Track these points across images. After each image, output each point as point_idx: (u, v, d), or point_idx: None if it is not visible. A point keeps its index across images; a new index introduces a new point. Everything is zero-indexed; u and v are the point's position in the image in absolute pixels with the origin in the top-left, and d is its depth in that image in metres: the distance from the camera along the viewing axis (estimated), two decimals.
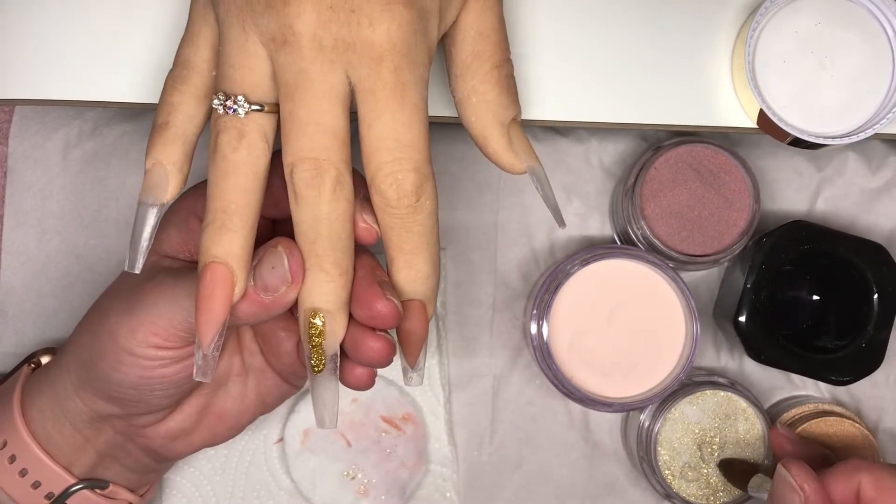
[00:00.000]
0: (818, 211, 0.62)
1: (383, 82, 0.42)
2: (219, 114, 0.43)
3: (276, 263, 0.44)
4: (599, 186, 0.62)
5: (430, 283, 0.46)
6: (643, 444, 0.59)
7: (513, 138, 0.48)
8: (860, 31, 0.53)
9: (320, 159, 0.43)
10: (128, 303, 0.48)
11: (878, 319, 0.58)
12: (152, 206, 0.45)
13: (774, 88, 0.53)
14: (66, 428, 0.51)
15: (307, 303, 0.44)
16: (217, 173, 0.44)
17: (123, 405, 0.50)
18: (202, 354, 0.44)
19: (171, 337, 0.47)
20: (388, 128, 0.43)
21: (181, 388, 0.50)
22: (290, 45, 0.42)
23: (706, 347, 0.63)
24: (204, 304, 0.43)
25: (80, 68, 0.53)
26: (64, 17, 0.52)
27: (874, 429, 0.63)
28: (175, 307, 0.47)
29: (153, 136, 0.45)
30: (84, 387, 0.50)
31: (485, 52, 0.47)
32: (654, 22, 0.54)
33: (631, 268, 0.57)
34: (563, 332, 0.57)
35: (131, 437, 0.52)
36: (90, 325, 0.50)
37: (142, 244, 0.45)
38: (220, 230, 0.43)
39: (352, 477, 0.62)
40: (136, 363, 0.48)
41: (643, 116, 0.54)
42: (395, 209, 0.44)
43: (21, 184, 0.61)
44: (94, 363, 0.49)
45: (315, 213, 0.43)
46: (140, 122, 0.61)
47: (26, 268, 0.61)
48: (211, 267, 0.43)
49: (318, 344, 0.45)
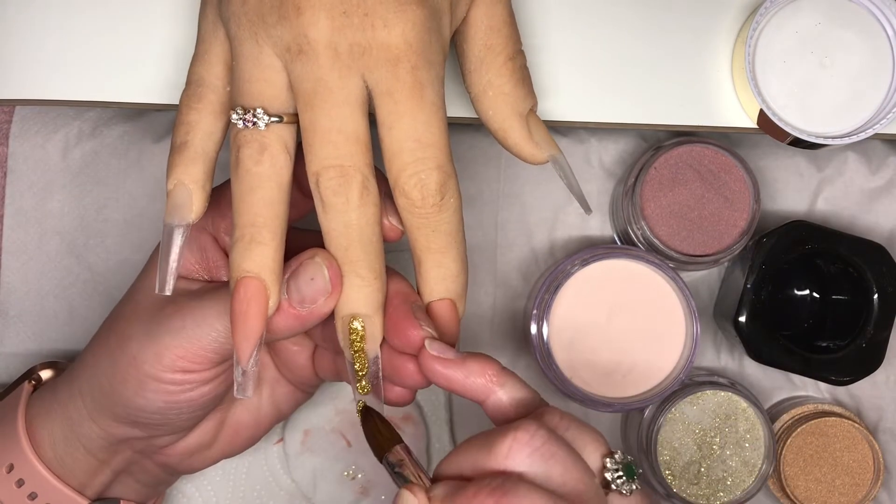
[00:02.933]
0: (818, 211, 0.62)
1: (401, 83, 0.42)
2: (238, 128, 0.43)
3: (316, 274, 0.44)
4: (599, 186, 0.62)
5: (461, 281, 0.46)
6: (643, 444, 0.59)
7: (532, 129, 0.48)
8: (860, 31, 0.53)
9: (345, 166, 0.43)
10: (150, 328, 0.47)
11: (878, 319, 0.58)
12: (178, 226, 0.44)
13: (774, 88, 0.53)
14: (79, 452, 0.50)
15: (345, 310, 0.45)
16: (241, 188, 0.43)
17: (145, 429, 0.49)
18: (241, 371, 0.44)
19: (200, 360, 0.46)
20: (408, 129, 0.43)
21: (206, 409, 0.49)
22: (305, 55, 0.42)
23: (706, 347, 0.63)
24: (240, 320, 0.43)
25: (80, 68, 0.53)
26: (64, 17, 0.52)
27: (874, 429, 0.63)
28: (203, 329, 0.46)
29: (173, 157, 0.45)
30: (102, 413, 0.49)
31: (497, 46, 0.47)
32: (654, 22, 0.54)
33: (631, 268, 0.57)
34: (563, 332, 0.57)
35: (149, 455, 0.52)
36: (107, 350, 0.49)
37: (171, 265, 0.44)
38: (251, 244, 0.43)
39: (352, 477, 0.62)
40: (162, 388, 0.47)
41: (643, 116, 0.54)
42: (421, 209, 0.44)
43: (21, 184, 0.61)
44: (115, 390, 0.48)
45: (345, 220, 0.43)
46: (140, 123, 0.61)
47: (26, 268, 0.61)
48: (244, 282, 0.43)
49: (361, 348, 0.45)
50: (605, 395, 0.58)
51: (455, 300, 0.46)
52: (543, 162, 0.49)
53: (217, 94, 0.45)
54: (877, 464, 0.60)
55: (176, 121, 0.45)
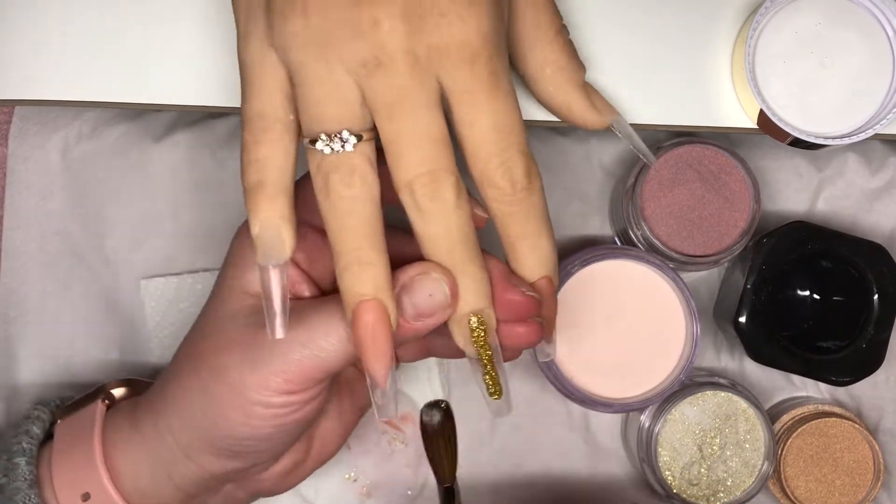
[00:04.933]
0: (818, 211, 0.62)
1: (479, 80, 0.42)
2: (324, 155, 0.42)
3: (435, 291, 0.44)
4: (599, 186, 0.62)
5: (554, 258, 0.46)
6: (643, 444, 0.59)
7: (591, 97, 0.49)
8: (860, 31, 0.53)
9: (436, 170, 0.42)
10: (248, 355, 0.46)
11: (878, 320, 0.58)
12: (275, 266, 0.44)
13: (774, 88, 0.53)
14: (168, 489, 0.49)
15: (463, 309, 0.44)
16: (338, 214, 0.43)
17: (247, 458, 0.48)
18: (381, 392, 0.43)
19: (306, 381, 0.45)
20: (490, 121, 0.43)
21: (309, 427, 0.49)
22: (384, 66, 0.41)
23: (706, 348, 0.63)
24: (369, 345, 0.43)
25: (80, 68, 0.52)
26: (64, 17, 0.52)
27: (874, 429, 0.63)
28: (310, 350, 0.45)
29: (252, 198, 0.44)
30: (200, 449, 0.48)
31: (545, 23, 0.47)
32: (653, 22, 0.54)
33: (631, 268, 0.57)
34: (563, 332, 0.57)
35: (244, 486, 0.51)
36: (199, 384, 0.47)
37: (277, 308, 0.44)
38: (361, 267, 0.43)
39: (353, 479, 0.62)
40: (270, 413, 0.46)
41: (643, 116, 0.54)
42: (512, 196, 0.44)
43: (21, 184, 0.61)
44: (216, 423, 0.46)
45: (446, 224, 0.43)
46: (140, 123, 0.61)
47: (26, 269, 0.61)
48: (364, 306, 0.43)
49: (485, 342, 0.45)
50: (605, 396, 0.58)
51: (552, 276, 0.46)
52: (606, 127, 0.50)
53: (283, 123, 0.44)
54: (877, 464, 0.60)
55: (244, 160, 0.44)
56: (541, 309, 0.46)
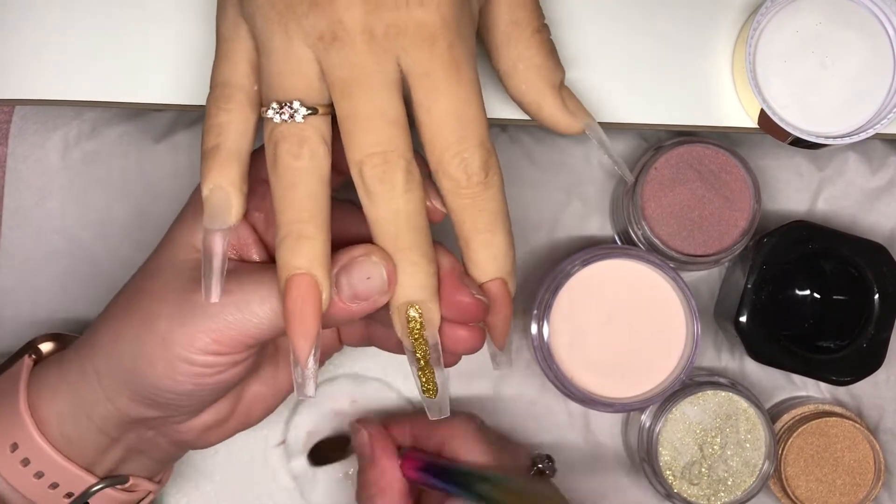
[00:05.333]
0: (819, 211, 0.62)
1: (439, 62, 0.42)
2: (275, 123, 0.43)
3: (373, 273, 0.43)
4: (599, 186, 0.62)
5: (510, 259, 0.46)
6: (644, 444, 0.59)
7: (565, 99, 0.48)
8: (861, 31, 0.53)
9: (388, 152, 0.42)
10: (181, 308, 0.46)
11: (878, 320, 0.58)
12: (219, 230, 0.44)
13: (775, 88, 0.53)
14: (91, 432, 0.50)
15: (401, 298, 0.44)
16: (282, 184, 0.43)
17: (165, 409, 0.48)
18: (301, 371, 0.43)
19: (235, 344, 0.45)
20: (447, 108, 0.42)
21: (231, 389, 0.49)
22: (340, 41, 0.41)
23: (707, 347, 0.63)
24: (296, 319, 0.42)
25: (80, 68, 0.52)
26: (64, 17, 0.52)
27: (875, 429, 0.63)
28: (243, 314, 0.45)
29: (206, 161, 0.44)
30: (120, 393, 0.48)
31: (523, 20, 0.47)
32: (654, 22, 0.54)
33: (631, 268, 0.57)
34: (563, 332, 0.57)
35: (164, 434, 0.51)
36: (130, 328, 0.47)
37: (215, 272, 0.44)
38: (299, 240, 0.42)
39: (352, 480, 0.62)
40: (193, 371, 0.46)
41: (643, 116, 0.54)
42: (467, 189, 0.43)
43: (20, 184, 0.61)
44: (140, 370, 0.46)
45: (393, 208, 0.43)
46: (140, 123, 0.61)
47: (25, 268, 0.61)
48: (296, 279, 0.42)
49: (420, 336, 0.44)
50: (605, 396, 0.58)
51: (506, 278, 0.46)
52: (579, 132, 0.49)
53: (245, 93, 0.44)
54: (878, 464, 0.60)
55: (205, 125, 0.44)
56: (489, 314, 0.46)
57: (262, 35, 0.43)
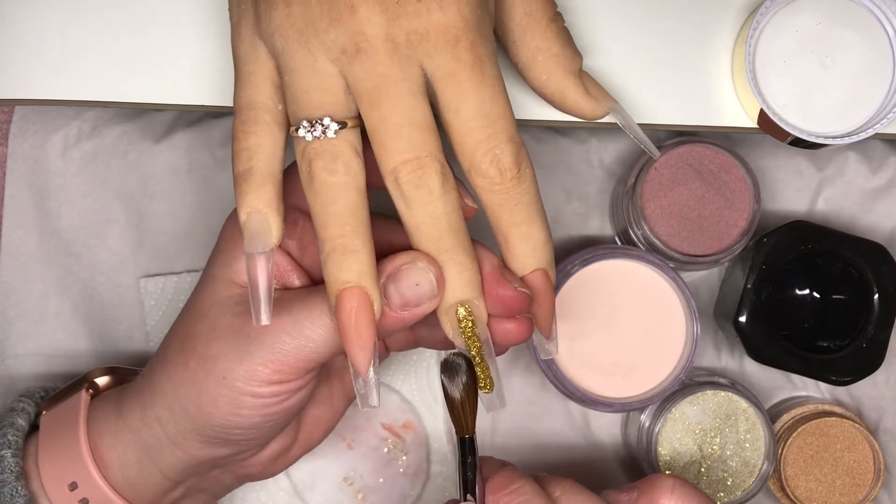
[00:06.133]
0: (818, 211, 0.62)
1: (462, 63, 0.42)
2: (307, 142, 0.43)
3: (421, 280, 0.43)
4: (599, 186, 0.62)
5: (549, 249, 0.46)
6: (643, 444, 0.59)
7: (587, 85, 0.49)
8: (860, 31, 0.53)
9: (421, 157, 0.42)
10: (237, 346, 0.46)
11: (878, 320, 0.58)
12: (261, 254, 0.44)
13: (775, 88, 0.53)
14: (155, 477, 0.49)
15: (450, 299, 0.44)
16: (321, 201, 0.43)
17: (236, 446, 0.48)
18: (363, 382, 0.43)
19: (294, 371, 0.45)
20: (475, 107, 0.43)
21: (296, 415, 0.49)
22: (364, 53, 0.41)
23: (706, 347, 0.63)
24: (352, 333, 0.43)
25: (80, 68, 0.52)
26: (64, 16, 0.52)
27: (874, 429, 0.63)
28: (297, 341, 0.45)
29: (240, 186, 0.44)
30: (188, 437, 0.48)
31: (538, 11, 0.47)
32: (654, 22, 0.54)
33: (631, 268, 0.57)
34: (563, 332, 0.57)
35: (231, 471, 0.51)
36: (188, 373, 0.47)
37: (262, 295, 0.44)
38: (345, 254, 0.43)
39: (350, 483, 0.61)
40: (258, 403, 0.46)
41: (643, 116, 0.54)
42: (501, 185, 0.43)
43: (20, 184, 0.61)
44: (205, 412, 0.46)
45: (432, 211, 0.43)
46: (140, 123, 0.61)
47: (26, 268, 0.61)
48: (347, 293, 0.42)
49: (473, 334, 0.44)
50: (605, 395, 0.58)
51: (546, 268, 0.46)
52: (604, 115, 0.49)
53: (271, 113, 0.44)
54: (877, 464, 0.60)
55: (234, 149, 0.44)
56: (533, 305, 0.46)
57: (284, 54, 0.43)
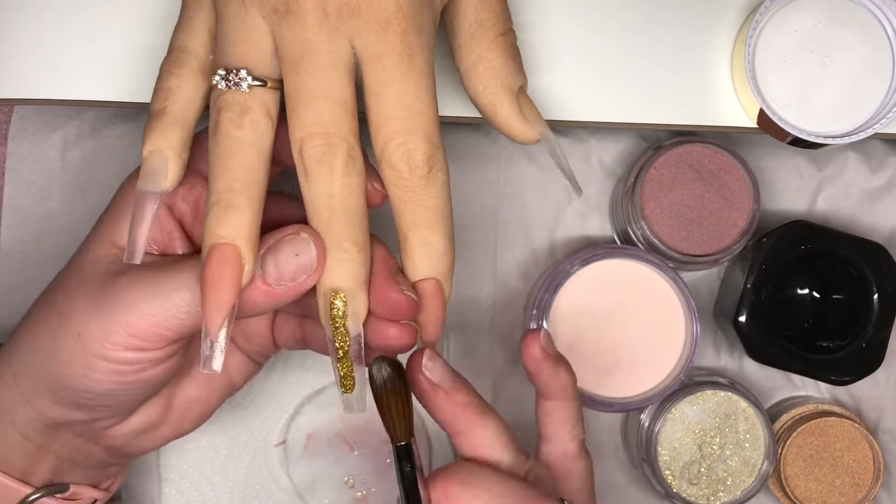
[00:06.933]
0: (818, 211, 0.62)
1: (391, 47, 0.42)
2: (220, 90, 0.42)
3: (302, 251, 0.42)
4: (599, 186, 0.62)
5: (447, 260, 0.45)
6: (643, 444, 0.59)
7: (522, 106, 0.47)
8: (860, 31, 0.53)
9: (330, 133, 0.42)
10: (96, 301, 0.44)
11: (878, 319, 0.58)
12: (152, 193, 0.43)
13: (774, 88, 0.53)
14: (15, 439, 0.47)
15: (326, 284, 0.43)
16: (220, 152, 0.42)
17: (88, 411, 0.46)
18: (210, 343, 0.42)
19: (154, 337, 0.43)
20: (396, 96, 0.42)
21: (157, 390, 0.47)
22: (293, 15, 0.41)
23: (706, 347, 0.63)
24: (212, 288, 0.41)
25: (80, 68, 0.52)
26: (63, 16, 0.52)
27: (874, 429, 0.63)
28: (159, 303, 0.43)
29: (150, 123, 0.43)
30: (40, 395, 0.46)
31: (488, 21, 0.46)
32: (653, 22, 0.54)
33: (631, 268, 0.57)
34: (563, 332, 0.57)
35: (92, 439, 0.49)
36: (47, 328, 0.45)
37: (141, 234, 0.43)
38: (227, 209, 0.41)
39: (351, 485, 0.61)
40: (112, 368, 0.44)
41: (643, 116, 0.54)
42: (408, 181, 0.43)
43: (20, 184, 0.61)
44: (58, 370, 0.44)
45: (328, 190, 0.42)
46: (139, 123, 0.61)
47: (24, 268, 0.61)
48: (218, 248, 0.41)
49: (342, 325, 0.43)
50: (605, 395, 0.58)
51: (441, 279, 0.45)
52: (533, 140, 0.48)
53: (199, 60, 0.44)
54: (877, 464, 0.60)
55: (155, 87, 0.44)
56: (421, 314, 0.45)
57: (220, 3, 0.43)
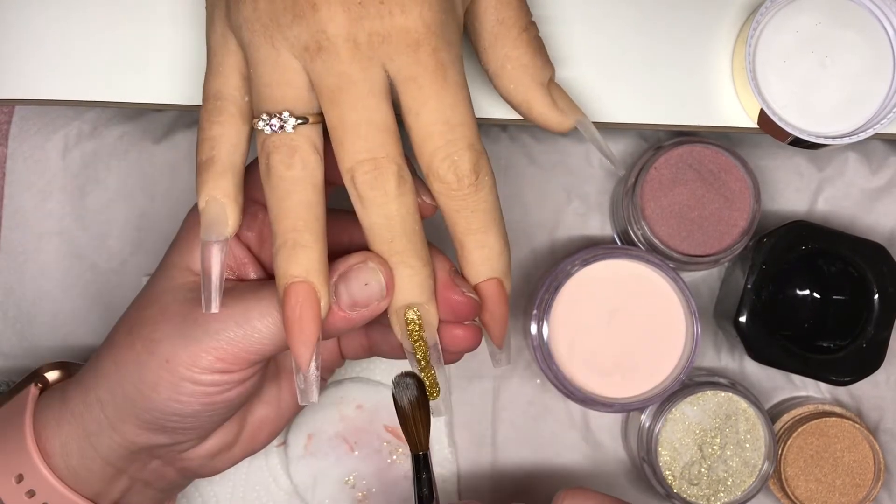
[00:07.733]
0: (818, 211, 0.62)
1: (423, 67, 0.42)
2: (266, 135, 0.43)
3: (370, 280, 0.44)
4: (599, 186, 0.62)
5: (505, 259, 0.46)
6: (644, 444, 0.59)
7: (555, 97, 0.48)
8: (860, 31, 0.53)
9: (378, 157, 0.43)
10: (182, 328, 0.46)
11: (878, 319, 0.58)
12: (216, 242, 0.44)
13: (775, 88, 0.53)
14: (96, 463, 0.49)
15: (399, 301, 0.45)
16: (277, 194, 0.43)
17: (173, 434, 0.48)
18: (303, 377, 0.44)
19: (239, 361, 0.46)
20: (435, 112, 0.43)
21: (237, 409, 0.49)
22: (325, 51, 0.42)
23: (706, 348, 0.63)
24: (295, 327, 0.43)
25: (80, 68, 0.52)
26: (63, 16, 0.52)
27: (874, 429, 0.63)
28: (244, 330, 0.45)
29: (201, 174, 0.44)
30: (125, 420, 0.48)
31: (510, 19, 0.47)
32: (654, 22, 0.54)
33: (631, 268, 0.57)
34: (563, 332, 0.57)
35: (170, 462, 0.51)
36: (130, 353, 0.47)
37: (214, 283, 0.44)
38: (295, 249, 0.43)
39: (352, 485, 0.61)
40: (199, 391, 0.46)
41: (643, 116, 0.54)
42: (458, 191, 0.44)
43: (20, 184, 0.61)
44: (145, 395, 0.46)
45: (386, 213, 0.43)
46: (139, 123, 0.61)
47: (25, 269, 0.61)
48: (294, 287, 0.43)
49: (420, 337, 0.45)
50: (605, 396, 0.58)
51: (501, 278, 0.46)
52: (570, 128, 0.49)
53: (237, 105, 0.45)
54: (877, 464, 0.60)
55: (199, 137, 0.45)
56: (485, 314, 0.46)
57: (250, 47, 0.43)
